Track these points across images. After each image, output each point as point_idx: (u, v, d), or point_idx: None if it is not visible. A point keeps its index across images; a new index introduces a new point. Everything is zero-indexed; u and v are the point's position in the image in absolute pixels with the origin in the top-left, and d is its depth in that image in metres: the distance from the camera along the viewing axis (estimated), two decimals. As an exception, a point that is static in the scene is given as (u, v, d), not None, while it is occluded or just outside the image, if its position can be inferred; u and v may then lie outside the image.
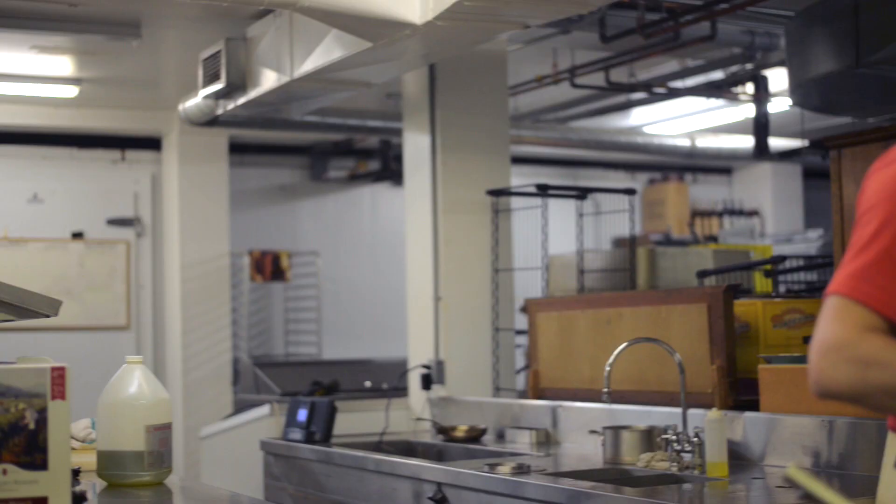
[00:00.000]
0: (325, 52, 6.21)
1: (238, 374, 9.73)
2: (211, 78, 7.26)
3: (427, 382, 7.01)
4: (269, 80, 6.88)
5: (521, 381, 7.40)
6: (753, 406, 5.02)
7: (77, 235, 10.04)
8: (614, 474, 4.99)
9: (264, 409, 7.13)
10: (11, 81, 8.89)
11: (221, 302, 9.92)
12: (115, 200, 10.30)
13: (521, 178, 9.19)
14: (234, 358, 10.07)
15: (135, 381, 3.77)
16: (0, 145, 10.01)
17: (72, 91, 9.03)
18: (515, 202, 7.17)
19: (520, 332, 7.43)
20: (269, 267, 10.60)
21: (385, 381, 7.95)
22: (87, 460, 3.92)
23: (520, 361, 7.72)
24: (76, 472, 3.54)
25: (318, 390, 7.45)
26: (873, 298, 2.30)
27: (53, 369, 2.82)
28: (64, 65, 8.56)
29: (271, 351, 10.89)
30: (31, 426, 2.80)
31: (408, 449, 6.50)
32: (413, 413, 7.10)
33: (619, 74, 8.69)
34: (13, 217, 9.74)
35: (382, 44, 5.77)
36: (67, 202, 10.12)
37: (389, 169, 10.77)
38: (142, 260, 10.32)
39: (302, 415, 6.57)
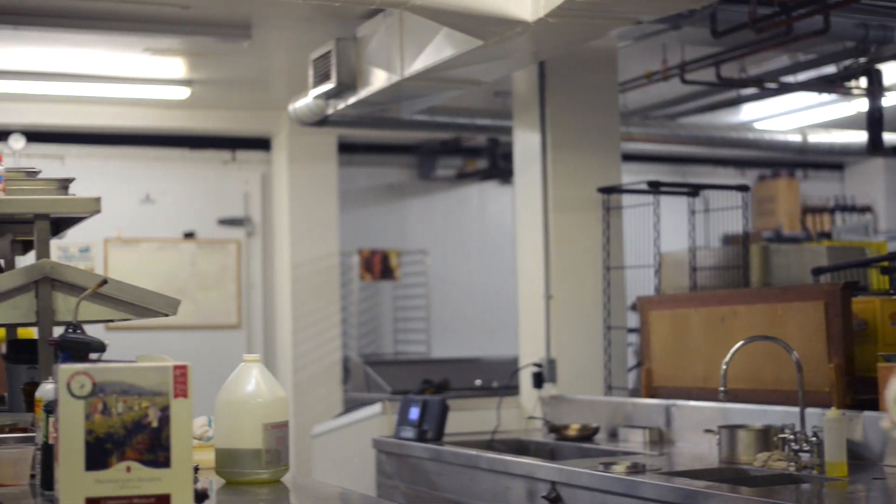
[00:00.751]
0: (436, 50, 6.21)
1: (348, 372, 9.77)
2: (321, 78, 7.29)
3: (538, 381, 6.98)
4: (379, 79, 6.90)
5: (632, 380, 7.34)
6: (872, 405, 4.93)
7: (189, 235, 10.16)
8: (730, 474, 4.93)
9: (376, 408, 7.14)
10: (125, 84, 9.01)
11: (331, 301, 9.97)
12: (226, 200, 10.41)
13: (629, 175, 9.12)
14: (344, 356, 10.12)
15: (252, 379, 3.79)
16: (113, 147, 10.16)
17: (183, 93, 9.14)
18: (626, 199, 7.12)
19: (631, 331, 7.38)
20: (378, 266, 10.63)
21: (495, 379, 7.94)
22: (205, 458, 3.94)
23: (631, 360, 7.66)
24: (195, 470, 3.57)
25: (428, 389, 7.46)
26: None
27: (176, 368, 2.84)
28: (176, 67, 8.66)
29: (380, 349, 10.92)
30: (154, 424, 2.82)
31: (520, 447, 6.47)
32: (524, 412, 7.07)
33: (730, 70, 8.59)
34: (126, 217, 9.87)
35: (493, 42, 5.75)
36: (179, 203, 10.24)
37: (497, 167, 10.75)
38: (252, 259, 10.41)
39: (414, 413, 6.57)
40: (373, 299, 11.02)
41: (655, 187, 6.86)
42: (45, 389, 3.50)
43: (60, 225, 4.58)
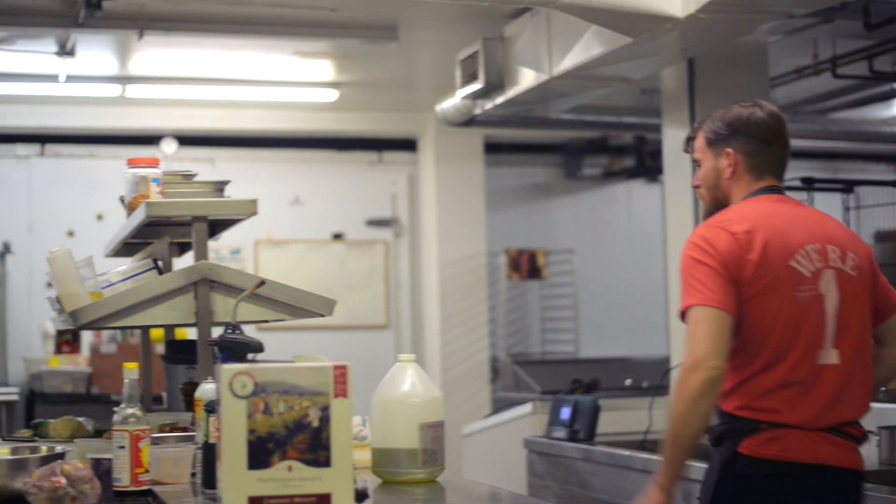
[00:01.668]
0: (584, 48, 6.18)
1: (496, 372, 9.76)
2: (469, 78, 7.30)
3: (690, 380, 6.88)
4: (527, 78, 6.88)
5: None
6: None
7: (337, 236, 10.24)
8: (890, 476, 4.83)
9: (526, 408, 7.13)
10: (274, 87, 9.13)
11: (479, 300, 9.98)
12: (374, 201, 10.48)
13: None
14: (492, 356, 10.12)
15: (408, 379, 3.80)
16: (263, 149, 10.29)
17: (332, 95, 9.22)
18: (778, 197, 6.99)
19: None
20: (526, 265, 10.61)
21: (645, 378, 7.86)
22: (359, 457, 3.96)
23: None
24: (351, 469, 3.59)
25: (578, 388, 7.42)
26: None
27: (336, 367, 2.86)
28: (324, 69, 8.74)
29: (528, 349, 10.90)
30: (315, 424, 2.84)
31: (672, 448, 6.39)
32: (676, 412, 6.98)
33: (883, 63, 8.40)
34: (276, 219, 9.99)
35: (643, 39, 5.71)
36: (327, 204, 10.34)
37: (645, 165, 10.67)
38: (400, 260, 10.47)
39: (565, 413, 6.55)
40: (520, 299, 11.00)
41: (809, 183, 6.73)
42: (205, 389, 3.55)
43: (215, 227, 4.64)
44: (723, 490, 3.60)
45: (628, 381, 7.82)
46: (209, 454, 3.39)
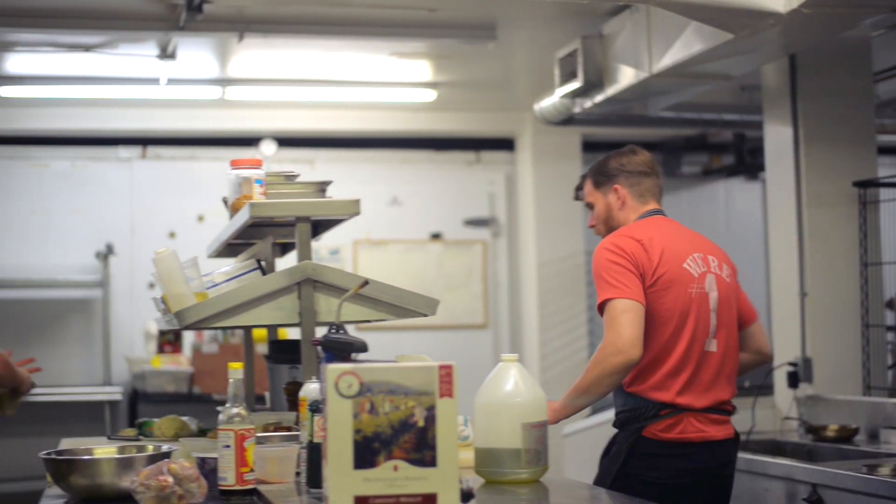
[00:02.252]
0: (685, 45, 6.13)
1: (595, 371, 9.70)
2: (567, 77, 7.27)
3: (794, 380, 6.81)
4: (626, 76, 6.84)
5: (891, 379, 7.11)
6: None
7: (435, 236, 10.26)
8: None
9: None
10: (372, 87, 9.16)
11: (577, 300, 9.95)
12: (471, 201, 10.48)
13: (883, 169, 8.84)
14: (591, 355, 10.07)
15: (511, 378, 3.79)
16: (362, 150, 10.34)
17: (429, 95, 9.24)
18: (883, 193, 6.89)
19: (889, 328, 7.15)
20: (625, 264, 10.54)
21: (747, 378, 7.76)
22: (462, 457, 3.96)
23: (889, 358, 7.42)
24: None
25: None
26: None
27: (441, 367, 2.85)
28: (422, 70, 8.76)
29: (626, 348, 10.83)
30: (421, 423, 2.84)
31: (775, 448, 6.33)
32: (779, 412, 6.92)
33: None
34: (375, 219, 10.02)
35: (744, 35, 5.65)
36: (425, 204, 10.35)
37: (744, 163, 10.55)
38: (498, 259, 10.46)
39: (668, 413, 6.49)
40: (619, 298, 10.94)
41: (915, 180, 6.64)
42: (310, 389, 3.56)
43: (317, 227, 4.66)
44: (627, 465, 4.31)
45: (730, 381, 7.72)
46: (314, 453, 3.40)
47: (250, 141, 9.96)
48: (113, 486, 3.59)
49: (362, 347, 3.58)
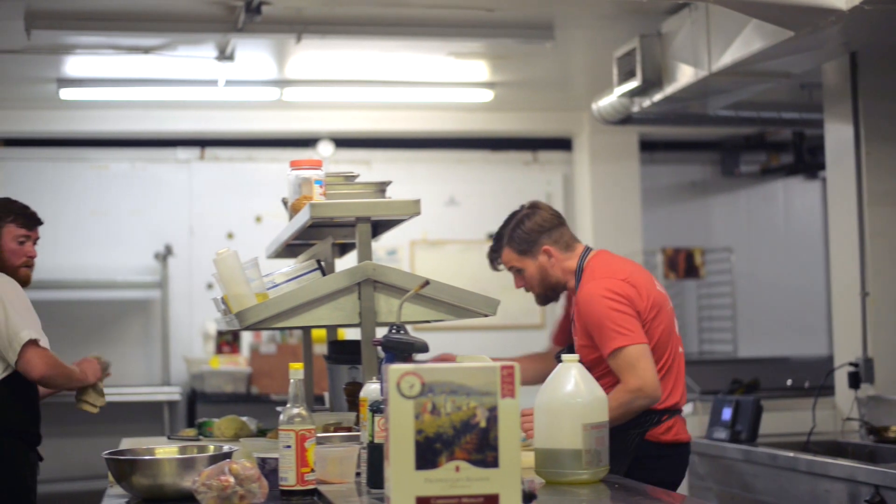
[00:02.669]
0: (744, 43, 6.09)
1: (654, 372, 9.66)
2: (626, 76, 7.24)
3: (855, 381, 6.75)
4: (685, 75, 6.81)
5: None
6: None
7: (492, 236, 10.23)
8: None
9: (687, 408, 7.03)
10: (429, 88, 9.16)
11: (635, 300, 9.90)
12: (528, 201, 10.42)
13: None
14: (648, 356, 10.04)
15: (571, 379, 3.78)
16: (418, 150, 10.35)
17: (487, 95, 9.23)
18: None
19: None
20: (683, 264, 10.49)
21: (807, 378, 7.71)
22: (522, 457, 3.95)
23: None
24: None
25: (738, 388, 7.32)
26: None
27: (503, 368, 2.85)
28: (479, 70, 8.75)
29: (685, 349, 10.77)
30: (483, 424, 2.83)
31: (836, 449, 6.27)
32: (840, 413, 6.86)
33: None
34: (431, 219, 10.01)
35: (805, 32, 5.61)
36: (482, 204, 10.34)
37: (803, 161, 10.46)
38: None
39: (726, 413, 6.46)
40: (677, 298, 10.87)
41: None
42: (370, 389, 3.57)
43: (376, 228, 4.66)
44: (632, 469, 4.53)
45: (789, 382, 7.67)
46: (375, 454, 3.41)
47: (307, 142, 9.99)
48: (174, 486, 3.60)
49: (423, 348, 3.58)
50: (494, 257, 5.07)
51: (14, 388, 5.07)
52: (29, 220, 5.32)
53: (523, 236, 4.83)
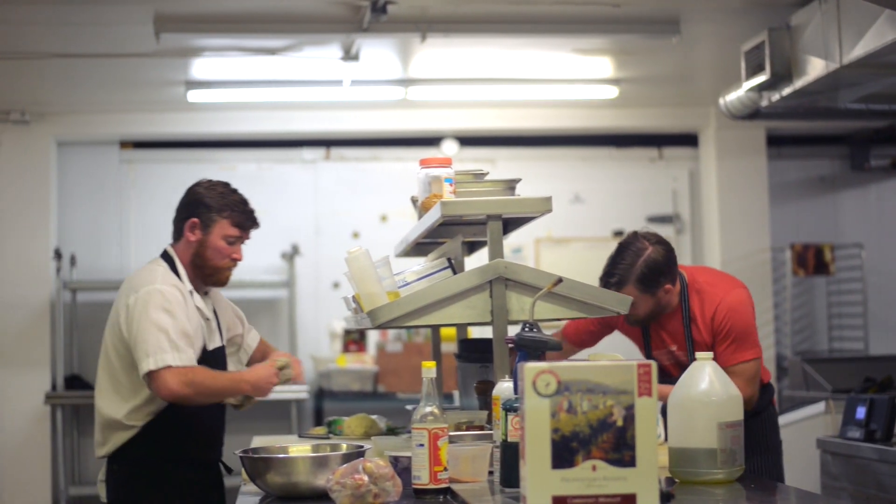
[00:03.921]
0: (877, 35, 5.98)
1: (784, 370, 9.54)
2: (754, 70, 7.15)
3: None
4: (815, 68, 6.70)
5: None
6: None
7: (618, 234, 10.18)
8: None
9: (819, 407, 6.95)
10: (553, 85, 9.13)
11: (763, 297, 9.78)
12: (654, 198, 10.38)
13: None
14: (777, 353, 9.91)
15: (706, 377, 3.73)
16: (543, 148, 10.31)
17: (611, 92, 9.17)
18: None
19: None
20: (812, 260, 10.33)
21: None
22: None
23: None
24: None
25: (871, 387, 7.18)
26: None
27: (640, 366, 2.82)
28: (603, 66, 8.70)
29: (814, 346, 10.62)
30: (619, 423, 2.81)
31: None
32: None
33: None
34: (556, 217, 9.86)
35: (941, 22, 5.49)
36: (607, 201, 10.29)
37: (935, 155, 10.27)
38: (682, 256, 10.31)
39: (860, 412, 6.33)
40: (806, 295, 10.72)
41: None
42: (503, 388, 3.56)
43: (506, 226, 4.64)
44: None
45: (925, 379, 7.52)
46: (508, 453, 3.39)
47: (432, 141, 10.01)
48: (308, 484, 3.63)
49: (556, 346, 3.56)
50: (613, 289, 4.81)
51: (176, 414, 4.54)
52: (247, 219, 4.82)
53: (650, 276, 4.78)
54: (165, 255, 4.75)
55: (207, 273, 4.77)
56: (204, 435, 4.69)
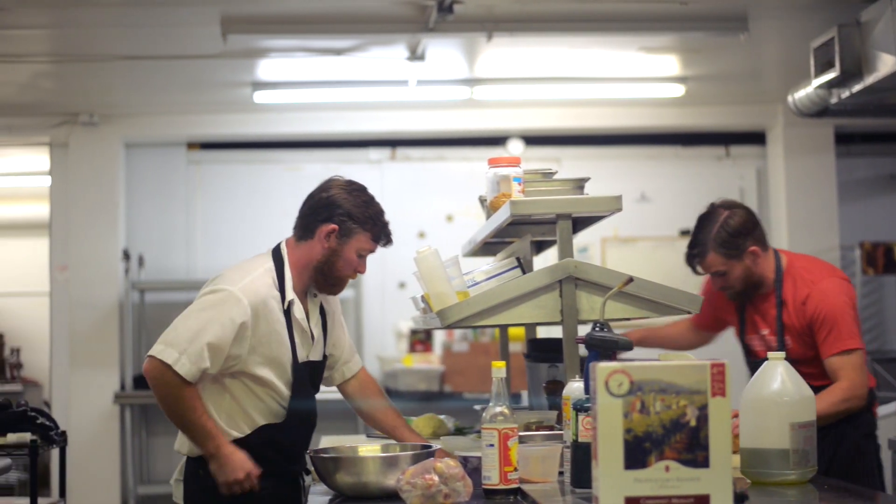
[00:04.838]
0: (950, 30, 5.91)
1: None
2: (823, 67, 7.07)
3: None
4: (886, 65, 6.62)
5: None
6: None
7: (684, 233, 10.12)
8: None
9: (891, 407, 6.87)
10: (619, 83, 9.10)
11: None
12: (721, 196, 10.20)
13: None
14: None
15: (778, 377, 3.69)
16: (609, 147, 10.27)
17: (678, 90, 9.12)
18: None
19: None
20: (882, 259, 10.22)
21: None
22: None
23: None
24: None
25: (944, 387, 7.11)
26: None
27: (713, 366, 2.79)
28: (670, 64, 8.65)
29: (885, 346, 10.51)
30: (693, 423, 2.79)
31: None
32: None
33: None
34: (623, 216, 9.76)
35: None
36: (674, 200, 10.23)
37: None
38: (749, 255, 10.24)
39: (933, 413, 6.28)
40: (876, 293, 10.61)
41: None
42: (573, 388, 3.53)
43: (574, 225, 4.62)
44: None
45: None
46: (579, 453, 3.37)
47: (497, 140, 9.99)
48: (378, 484, 3.63)
49: (627, 346, 3.54)
50: (697, 262, 4.98)
51: (271, 430, 4.22)
52: (384, 235, 4.55)
53: (729, 239, 4.77)
54: (276, 254, 4.45)
55: (331, 283, 4.49)
56: (292, 451, 4.32)
